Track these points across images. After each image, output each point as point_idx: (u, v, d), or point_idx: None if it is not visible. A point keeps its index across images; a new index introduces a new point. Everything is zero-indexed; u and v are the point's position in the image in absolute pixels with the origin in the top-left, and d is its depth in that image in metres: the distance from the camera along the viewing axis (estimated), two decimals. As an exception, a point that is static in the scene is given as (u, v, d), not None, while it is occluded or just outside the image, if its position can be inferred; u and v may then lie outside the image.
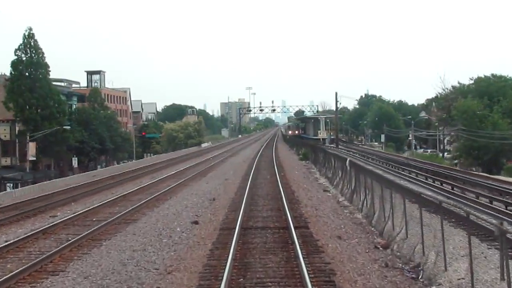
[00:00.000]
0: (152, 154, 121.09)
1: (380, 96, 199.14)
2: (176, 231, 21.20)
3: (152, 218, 23.57)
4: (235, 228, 20.21)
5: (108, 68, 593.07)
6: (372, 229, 22.01)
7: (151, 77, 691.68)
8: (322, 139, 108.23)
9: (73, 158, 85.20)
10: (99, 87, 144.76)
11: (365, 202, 26.97)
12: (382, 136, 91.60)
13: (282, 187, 33.34)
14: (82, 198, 31.28)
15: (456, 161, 67.81)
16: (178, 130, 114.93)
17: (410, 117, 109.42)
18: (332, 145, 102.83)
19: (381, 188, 23.54)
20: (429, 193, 23.41)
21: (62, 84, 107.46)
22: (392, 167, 49.76)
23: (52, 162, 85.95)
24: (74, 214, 24.37)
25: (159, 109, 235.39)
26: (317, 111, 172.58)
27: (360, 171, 29.68)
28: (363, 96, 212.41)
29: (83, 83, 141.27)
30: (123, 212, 24.06)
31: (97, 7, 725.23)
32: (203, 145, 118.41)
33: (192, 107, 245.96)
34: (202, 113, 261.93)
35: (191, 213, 25.41)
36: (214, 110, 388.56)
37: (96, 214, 24.84)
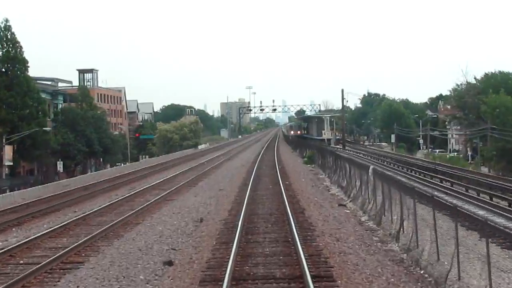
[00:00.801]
0: (147, 156, 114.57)
1: (384, 94, 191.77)
2: (136, 281, 14.28)
3: (105, 259, 16.53)
4: (223, 280, 13.35)
5: (108, 68, 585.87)
6: (426, 275, 15.06)
7: (151, 77, 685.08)
8: (327, 139, 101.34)
9: (58, 162, 78.31)
10: (91, 86, 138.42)
11: (401, 227, 20.08)
12: (393, 136, 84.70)
13: (288, 202, 26.44)
14: (28, 222, 24.16)
15: (481, 164, 60.43)
16: (173, 131, 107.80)
17: (417, 115, 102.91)
18: (337, 146, 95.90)
19: (433, 213, 16.63)
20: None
21: (48, 82, 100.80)
22: (416, 173, 42.78)
23: (36, 167, 79.14)
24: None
25: (158, 109, 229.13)
26: (319, 110, 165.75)
27: (390, 184, 22.80)
28: (366, 94, 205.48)
29: (77, 83, 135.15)
30: (67, 249, 17.05)
31: (97, 7, 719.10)
32: (200, 146, 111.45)
33: (191, 107, 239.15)
34: (201, 113, 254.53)
35: (166, 245, 18.49)
36: (215, 110, 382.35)
37: (24, 254, 17.53)
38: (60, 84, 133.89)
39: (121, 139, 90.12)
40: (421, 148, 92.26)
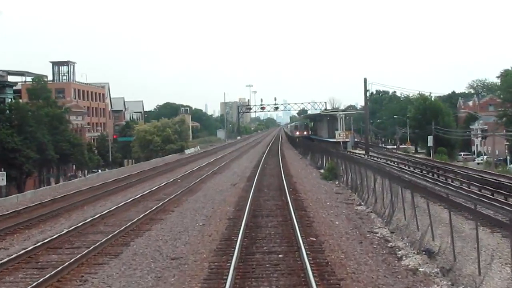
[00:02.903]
0: (133, 161, 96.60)
1: (394, 92, 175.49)
2: None
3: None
4: None
5: (108, 68, 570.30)
6: None
7: (151, 78, 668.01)
8: (343, 142, 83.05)
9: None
10: (67, 80, 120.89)
11: None
12: (429, 139, 66.64)
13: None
14: None
15: None
16: (153, 132, 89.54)
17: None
18: (357, 151, 77.43)
19: None
20: None
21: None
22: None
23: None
24: None
25: (152, 109, 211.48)
26: (325, 109, 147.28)
27: None
28: (374, 92, 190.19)
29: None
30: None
31: (99, 7, 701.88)
32: (188, 151, 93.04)
33: (187, 106, 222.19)
34: (198, 112, 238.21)
35: None
36: (215, 110, 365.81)
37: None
38: (29, 78, 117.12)
39: (83, 143, 71.53)
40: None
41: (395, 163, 52.27)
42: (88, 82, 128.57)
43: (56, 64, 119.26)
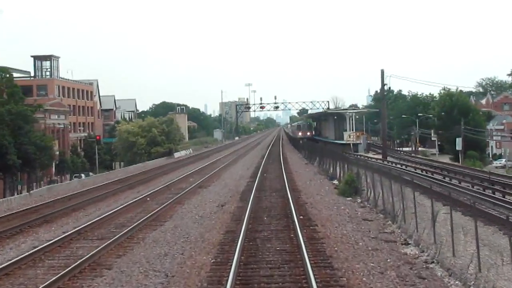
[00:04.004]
0: (122, 164, 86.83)
1: (400, 90, 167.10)
2: None
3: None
4: None
5: (108, 68, 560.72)
6: None
7: (151, 78, 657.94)
8: (353, 144, 72.93)
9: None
10: (50, 76, 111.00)
11: None
12: (458, 141, 56.30)
13: None
14: None
15: None
16: (137, 133, 79.15)
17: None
18: (370, 155, 67.33)
19: None
20: None
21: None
22: None
23: None
24: None
25: (148, 108, 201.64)
26: (328, 108, 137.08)
27: None
28: (378, 91, 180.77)
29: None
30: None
31: (101, 6, 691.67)
32: (178, 154, 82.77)
33: (183, 105, 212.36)
34: (195, 111, 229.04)
35: None
36: (215, 110, 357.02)
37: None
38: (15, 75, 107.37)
39: (52, 145, 61.21)
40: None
41: (426, 171, 42.13)
42: (76, 79, 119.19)
43: (38, 58, 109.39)
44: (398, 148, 79.34)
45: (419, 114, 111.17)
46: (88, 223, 22.04)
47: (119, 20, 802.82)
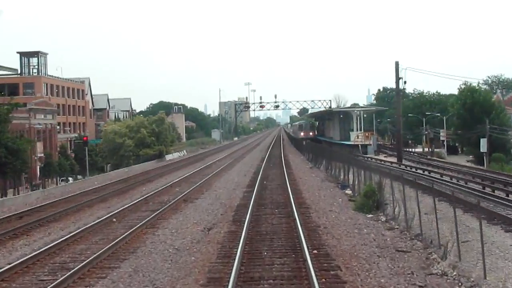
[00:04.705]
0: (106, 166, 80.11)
1: (404, 88, 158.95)
2: None
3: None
4: None
5: (106, 68, 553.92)
6: None
7: (151, 78, 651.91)
8: (361, 146, 66.34)
9: None
10: (38, 73, 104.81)
11: None
12: (483, 142, 49.59)
13: None
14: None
15: None
16: (124, 134, 72.28)
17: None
18: (381, 158, 60.84)
19: None
20: None
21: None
22: None
23: None
24: None
25: (145, 108, 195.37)
26: (330, 107, 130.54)
27: None
28: (381, 90, 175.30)
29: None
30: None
31: (97, 6, 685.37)
32: (171, 156, 76.01)
33: (181, 105, 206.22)
34: (194, 111, 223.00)
35: None
36: (215, 111, 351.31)
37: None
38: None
39: (26, 148, 54.49)
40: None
41: (456, 179, 35.46)
42: (69, 77, 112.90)
43: (24, 55, 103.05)
44: (407, 149, 72.57)
45: (426, 113, 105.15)
46: (6, 267, 15.31)
47: (118, 20, 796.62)
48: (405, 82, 49.96)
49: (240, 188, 35.27)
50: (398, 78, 50.62)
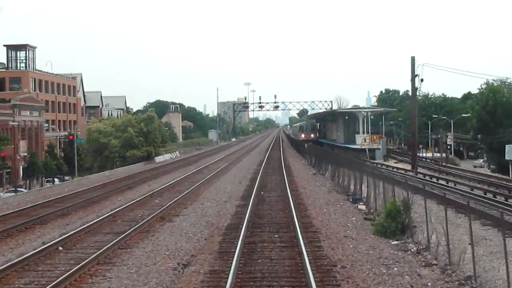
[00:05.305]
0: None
1: (407, 90, 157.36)
2: None
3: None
4: None
5: (106, 68, 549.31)
6: None
7: (151, 78, 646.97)
8: (369, 150, 60.67)
9: None
10: (25, 68, 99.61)
11: None
12: (509, 149, 43.95)
13: None
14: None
15: None
16: (109, 133, 66.13)
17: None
18: (393, 165, 55.19)
19: None
20: None
21: None
22: None
23: None
24: None
25: (142, 107, 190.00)
26: (331, 108, 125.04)
27: None
28: (383, 91, 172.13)
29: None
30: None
31: (97, 6, 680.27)
32: (161, 158, 70.14)
33: (178, 104, 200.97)
34: (191, 110, 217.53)
35: None
36: (214, 111, 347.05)
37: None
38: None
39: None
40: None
41: (490, 193, 29.72)
42: (60, 73, 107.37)
43: (11, 48, 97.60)
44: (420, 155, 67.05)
45: (433, 116, 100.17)
46: None
47: (117, 18, 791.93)
48: (421, 80, 44.26)
49: (232, 200, 29.52)
50: (414, 76, 44.89)
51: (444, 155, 65.62)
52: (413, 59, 45.27)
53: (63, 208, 27.05)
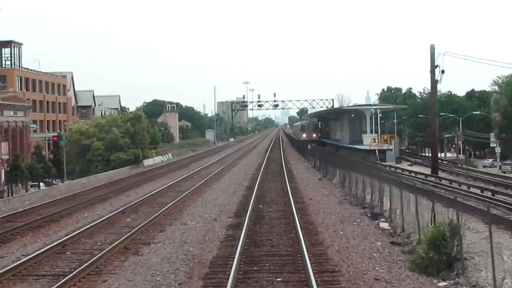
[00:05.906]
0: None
1: (410, 88, 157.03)
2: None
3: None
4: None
5: (105, 68, 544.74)
6: None
7: (151, 78, 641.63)
8: (379, 151, 55.00)
9: None
10: (11, 65, 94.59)
11: None
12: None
13: None
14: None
15: None
16: (92, 134, 60.13)
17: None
18: (408, 168, 49.54)
19: None
20: None
21: None
22: None
23: None
24: None
25: (139, 106, 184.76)
26: (332, 107, 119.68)
27: None
28: (385, 89, 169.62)
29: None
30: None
31: (97, 6, 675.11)
32: (151, 161, 64.30)
33: (175, 103, 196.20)
34: (189, 110, 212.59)
35: None
36: (213, 110, 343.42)
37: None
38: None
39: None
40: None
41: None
42: (48, 71, 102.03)
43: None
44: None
45: (441, 114, 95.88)
46: None
47: (116, 17, 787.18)
48: (442, 72, 38.52)
49: (223, 217, 23.78)
50: (433, 67, 39.09)
51: (460, 155, 59.92)
52: (432, 48, 39.44)
53: (4, 232, 21.14)
